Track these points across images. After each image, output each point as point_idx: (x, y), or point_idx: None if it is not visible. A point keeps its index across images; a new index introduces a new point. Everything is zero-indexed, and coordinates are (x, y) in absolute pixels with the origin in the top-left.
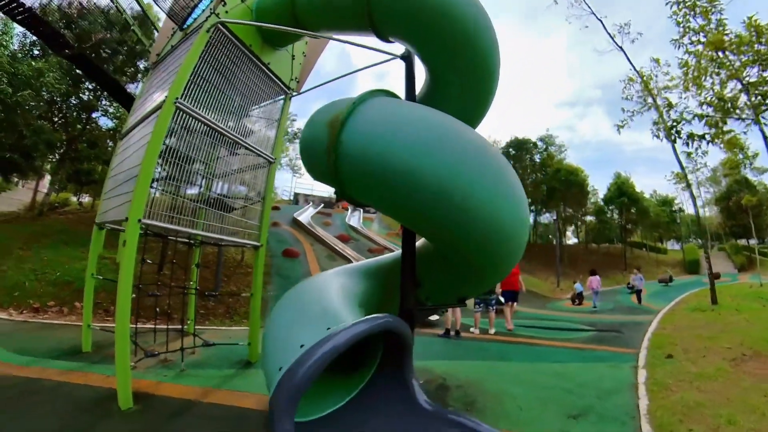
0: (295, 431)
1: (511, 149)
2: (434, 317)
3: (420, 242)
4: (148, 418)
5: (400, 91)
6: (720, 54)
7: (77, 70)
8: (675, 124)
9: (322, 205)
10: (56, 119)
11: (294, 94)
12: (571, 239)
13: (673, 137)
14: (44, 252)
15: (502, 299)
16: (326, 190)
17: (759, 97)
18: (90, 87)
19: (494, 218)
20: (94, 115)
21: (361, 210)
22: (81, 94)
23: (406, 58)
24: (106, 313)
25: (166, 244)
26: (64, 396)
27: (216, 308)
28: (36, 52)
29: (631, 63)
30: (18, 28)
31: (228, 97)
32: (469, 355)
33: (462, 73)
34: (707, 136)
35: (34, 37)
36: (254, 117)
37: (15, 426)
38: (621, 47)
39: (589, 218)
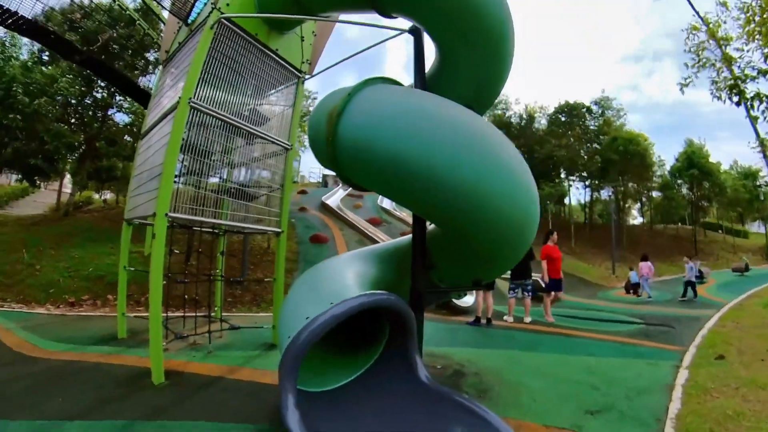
0: (305, 400)
1: (561, 115)
2: (466, 304)
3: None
4: (177, 390)
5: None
6: None
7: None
8: (736, 81)
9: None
10: (73, 120)
11: (306, 77)
12: (637, 218)
13: (736, 98)
14: (74, 250)
15: (543, 285)
16: None
17: None
18: (103, 85)
19: (489, 202)
20: (109, 112)
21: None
22: (95, 93)
23: (415, 32)
24: (137, 303)
25: (192, 234)
26: (102, 374)
27: (243, 296)
28: (46, 57)
29: (692, 7)
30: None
31: (240, 89)
32: (495, 344)
33: (471, 45)
34: None
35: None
36: (268, 105)
37: (60, 397)
38: None
39: (655, 194)
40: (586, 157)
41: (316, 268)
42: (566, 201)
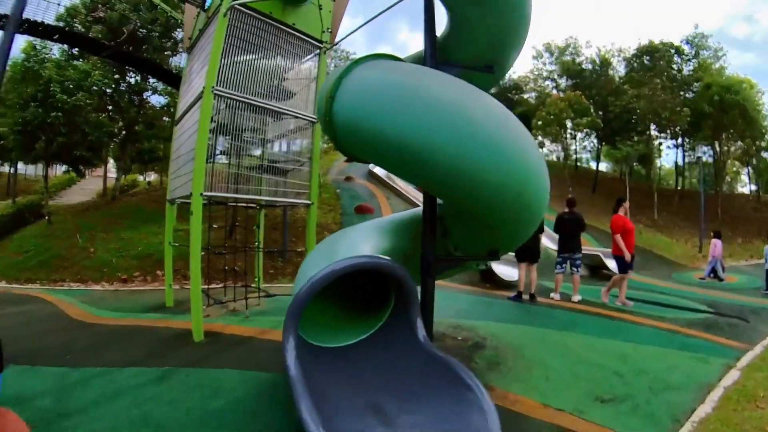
0: (317, 352)
1: (645, 57)
2: (511, 278)
3: None
4: (213, 346)
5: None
6: None
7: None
8: None
9: None
10: (110, 107)
11: (328, 46)
12: (747, 186)
13: None
14: (123, 232)
15: (612, 265)
16: None
17: None
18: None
19: (471, 175)
20: (145, 95)
21: None
22: (128, 78)
23: None
24: (183, 277)
25: (234, 210)
26: (151, 335)
27: (284, 268)
28: (75, 51)
29: None
30: None
31: (262, 69)
32: (527, 320)
33: (480, 2)
34: None
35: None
36: (292, 79)
37: (116, 352)
38: None
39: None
40: (666, 111)
41: (334, 235)
42: (652, 163)
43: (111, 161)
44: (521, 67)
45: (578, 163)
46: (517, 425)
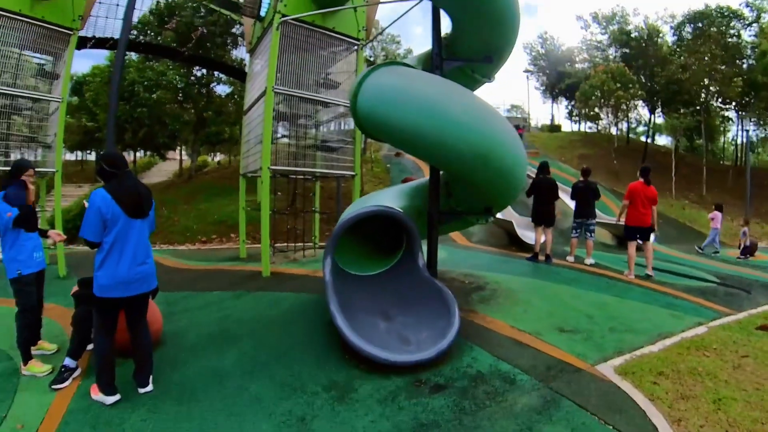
0: (350, 278)
1: (699, 23)
2: (528, 240)
3: None
4: (276, 280)
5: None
6: None
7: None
8: None
9: None
10: (180, 98)
11: (364, 42)
12: None
13: None
14: (200, 204)
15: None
16: None
17: None
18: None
19: (451, 146)
20: (211, 86)
21: None
22: (196, 72)
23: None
24: (253, 238)
25: (294, 182)
26: (230, 274)
27: None
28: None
29: None
30: None
31: (311, 66)
32: (533, 275)
33: (476, 18)
34: None
35: None
36: (337, 72)
37: (204, 283)
38: None
39: None
40: (720, 80)
41: (368, 195)
42: (703, 136)
43: (184, 146)
44: (571, 38)
45: (631, 135)
46: (485, 335)
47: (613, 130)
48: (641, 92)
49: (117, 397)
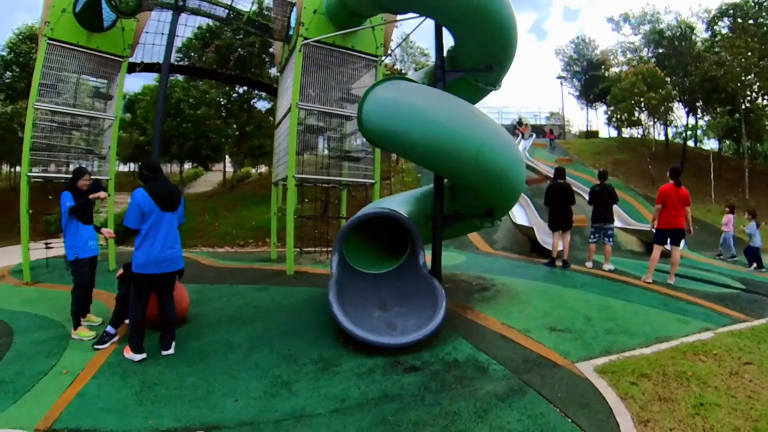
0: (358, 275)
1: (729, 19)
2: (548, 246)
3: None
4: (298, 277)
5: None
6: None
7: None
8: None
9: None
10: (223, 114)
11: (383, 59)
12: None
13: None
14: (241, 211)
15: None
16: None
17: None
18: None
19: (441, 151)
20: (252, 102)
21: (533, 135)
22: (237, 89)
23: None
24: (284, 243)
25: (325, 190)
26: (257, 271)
27: None
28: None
29: None
30: None
31: (333, 83)
32: (544, 279)
33: (474, 33)
34: None
35: None
36: (357, 87)
37: (233, 278)
38: None
39: None
40: (759, 75)
41: (380, 199)
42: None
43: (227, 157)
44: (604, 41)
45: (677, 140)
46: (473, 329)
47: (652, 134)
48: (674, 92)
49: (143, 355)
